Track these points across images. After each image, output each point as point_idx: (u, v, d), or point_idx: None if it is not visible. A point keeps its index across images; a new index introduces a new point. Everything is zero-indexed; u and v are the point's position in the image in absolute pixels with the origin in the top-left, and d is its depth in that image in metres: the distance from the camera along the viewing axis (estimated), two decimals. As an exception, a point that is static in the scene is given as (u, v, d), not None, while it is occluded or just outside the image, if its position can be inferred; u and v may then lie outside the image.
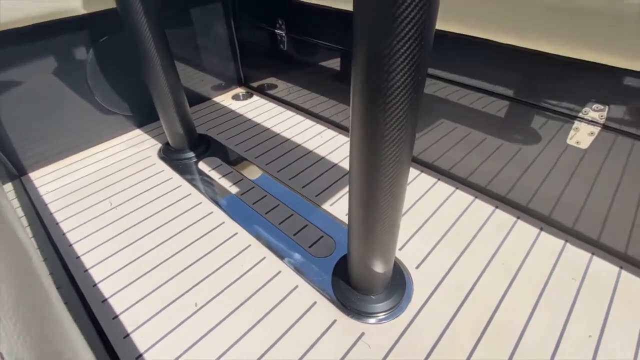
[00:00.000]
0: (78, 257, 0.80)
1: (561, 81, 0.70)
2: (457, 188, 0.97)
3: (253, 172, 1.05)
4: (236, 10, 1.33)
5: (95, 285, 0.74)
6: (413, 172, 1.03)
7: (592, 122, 0.69)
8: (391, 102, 0.40)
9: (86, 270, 0.77)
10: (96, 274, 0.76)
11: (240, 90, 1.52)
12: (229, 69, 1.47)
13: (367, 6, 0.35)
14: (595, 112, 0.68)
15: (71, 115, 1.09)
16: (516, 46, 0.70)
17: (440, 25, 0.77)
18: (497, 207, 0.91)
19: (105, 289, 0.74)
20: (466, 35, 0.76)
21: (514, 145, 0.82)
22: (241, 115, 1.35)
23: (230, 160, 1.11)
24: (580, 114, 0.70)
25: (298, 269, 0.76)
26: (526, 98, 0.76)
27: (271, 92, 1.44)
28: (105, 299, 0.71)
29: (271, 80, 1.41)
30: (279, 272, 0.76)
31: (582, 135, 0.71)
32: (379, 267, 0.64)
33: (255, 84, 1.50)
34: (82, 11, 0.97)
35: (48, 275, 0.28)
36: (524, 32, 0.67)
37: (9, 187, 1.03)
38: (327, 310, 0.69)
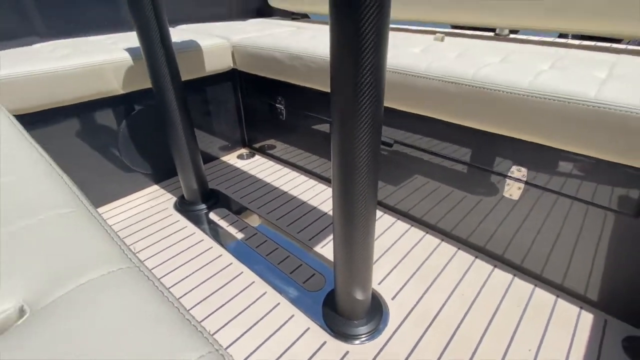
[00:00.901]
0: None
1: (494, 149, 0.93)
2: (427, 233, 1.16)
3: (256, 221, 1.23)
4: (243, 88, 1.61)
5: None
6: (390, 219, 1.23)
7: (518, 179, 0.91)
8: (358, 159, 0.59)
9: None
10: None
11: (244, 151, 1.76)
12: (235, 132, 1.72)
13: (338, 91, 0.56)
14: (519, 172, 0.90)
15: (99, 174, 1.29)
16: (457, 124, 0.94)
17: (400, 106, 1.02)
18: (459, 248, 1.09)
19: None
20: (421, 115, 1.00)
21: (473, 197, 1.03)
22: (245, 172, 1.56)
23: (236, 210, 1.29)
24: (509, 173, 0.92)
25: (294, 301, 0.92)
26: (473, 162, 0.98)
27: (271, 152, 1.67)
28: None
29: (271, 141, 1.65)
30: (278, 303, 0.91)
31: (513, 189, 0.93)
32: (359, 295, 0.80)
33: (257, 145, 1.74)
34: (120, 91, 1.22)
35: None
36: (461, 114, 0.91)
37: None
38: (318, 333, 0.84)
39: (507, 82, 0.80)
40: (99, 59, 1.12)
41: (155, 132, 1.38)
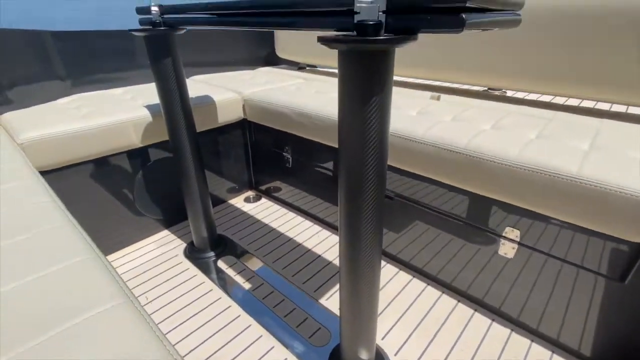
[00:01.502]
0: None
1: (488, 210, 0.99)
2: (428, 284, 1.20)
3: (263, 269, 1.28)
4: (252, 136, 1.71)
5: None
6: (393, 269, 1.27)
7: (511, 240, 0.96)
8: (364, 212, 0.64)
9: None
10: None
11: (251, 193, 1.83)
12: (243, 175, 1.79)
13: (346, 150, 0.62)
14: (512, 233, 0.96)
15: (114, 221, 1.35)
16: (453, 185, 1.01)
17: (400, 164, 1.09)
18: (459, 301, 1.13)
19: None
20: (419, 175, 1.07)
21: (471, 251, 1.08)
22: (252, 216, 1.62)
23: (244, 258, 1.34)
24: (503, 233, 0.98)
25: (300, 357, 0.95)
26: (469, 220, 1.04)
27: (277, 194, 1.74)
28: None
29: (277, 185, 1.72)
30: (286, 359, 0.95)
31: (507, 248, 0.98)
32: (364, 354, 0.84)
33: (263, 187, 1.81)
34: (138, 145, 1.30)
35: None
36: (456, 177, 0.98)
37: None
38: (323, 392, 0.87)
39: (498, 153, 0.88)
40: (122, 118, 1.21)
41: (168, 180, 1.45)
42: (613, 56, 1.07)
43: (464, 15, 0.44)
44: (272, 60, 2.25)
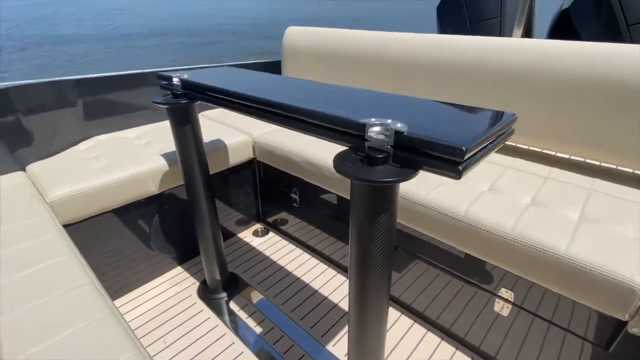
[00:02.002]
0: None
1: (485, 271, 1.06)
2: (428, 330, 1.27)
3: (273, 312, 1.36)
4: (261, 175, 1.78)
5: None
6: (395, 313, 1.35)
7: (506, 300, 1.04)
8: (374, 261, 0.67)
9: None
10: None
11: (259, 226, 1.90)
12: (251, 210, 1.87)
13: (359, 202, 0.65)
14: (507, 294, 1.03)
15: (129, 262, 1.43)
16: (453, 246, 1.08)
17: (403, 220, 1.16)
18: (457, 348, 1.20)
19: None
20: (423, 233, 1.15)
21: (469, 305, 1.15)
22: (261, 252, 1.70)
23: (254, 299, 1.42)
24: (499, 293, 1.05)
25: None
26: (468, 277, 1.12)
27: (284, 227, 1.82)
28: None
29: (284, 217, 1.79)
30: (296, 409, 1.02)
31: (503, 307, 1.05)
32: None
33: (271, 220, 1.89)
34: (155, 192, 1.38)
35: None
36: (456, 240, 1.05)
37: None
38: None
39: (494, 224, 0.95)
40: (140, 169, 1.29)
41: (182, 220, 1.53)
42: (608, 121, 1.14)
43: (460, 167, 0.51)
44: None
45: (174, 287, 1.48)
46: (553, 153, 1.37)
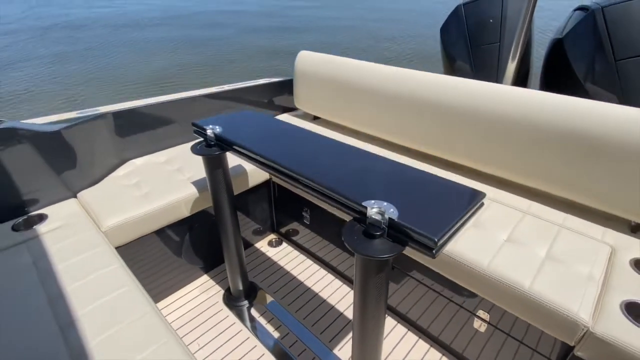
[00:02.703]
0: None
1: (467, 295, 1.27)
2: (419, 338, 1.50)
3: (288, 319, 1.59)
4: (276, 193, 1.99)
5: None
6: (391, 322, 1.57)
7: (483, 319, 1.25)
8: (372, 280, 0.84)
9: None
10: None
11: (273, 237, 2.13)
12: (267, 222, 2.09)
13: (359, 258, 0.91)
14: (484, 314, 1.24)
15: (166, 273, 1.66)
16: (441, 275, 1.28)
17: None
18: (443, 354, 1.43)
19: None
20: (416, 260, 1.35)
21: (453, 318, 1.37)
22: (275, 262, 1.93)
23: (271, 306, 1.65)
24: (477, 313, 1.26)
25: None
26: (453, 299, 1.33)
27: (295, 238, 2.04)
28: None
29: (296, 229, 2.01)
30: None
31: (480, 324, 1.27)
32: None
33: (283, 231, 2.11)
34: (186, 215, 1.59)
35: None
36: (443, 269, 1.25)
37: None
38: None
39: (474, 260, 1.15)
40: (176, 197, 1.50)
41: (208, 235, 1.75)
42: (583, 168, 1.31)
43: (434, 251, 0.71)
44: (291, 106, 2.50)
45: (203, 294, 1.72)
46: (533, 186, 1.53)
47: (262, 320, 1.59)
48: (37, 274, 1.09)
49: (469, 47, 2.31)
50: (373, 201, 0.80)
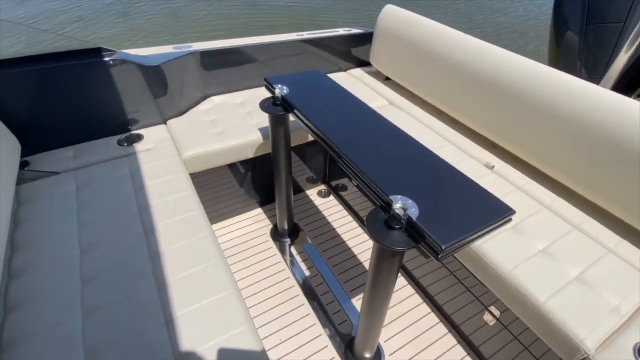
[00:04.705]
0: None
1: (484, 290, 1.33)
2: (431, 311, 1.63)
3: (320, 262, 1.81)
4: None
5: None
6: (410, 290, 1.71)
7: (493, 314, 1.32)
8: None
9: None
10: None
11: (323, 187, 2.30)
12: (320, 172, 2.26)
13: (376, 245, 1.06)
14: (495, 310, 1.30)
15: (226, 199, 1.96)
16: (466, 268, 1.35)
17: None
18: (449, 331, 1.55)
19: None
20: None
21: (468, 304, 1.46)
22: (320, 211, 2.12)
23: (309, 249, 1.89)
24: (489, 308, 1.33)
25: (329, 338, 1.51)
26: (472, 290, 1.40)
27: (342, 193, 2.19)
28: None
29: (344, 181, 2.16)
30: (320, 335, 1.51)
31: (489, 318, 1.34)
32: (368, 349, 1.35)
33: (333, 184, 2.26)
34: (250, 156, 1.80)
35: None
36: (468, 265, 1.31)
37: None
38: (338, 362, 1.43)
39: (498, 262, 1.19)
40: (244, 140, 1.70)
41: (266, 176, 1.98)
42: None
43: (439, 256, 0.80)
44: (366, 61, 2.46)
45: (255, 224, 2.01)
46: (593, 201, 1.41)
47: (298, 258, 1.84)
48: (132, 186, 1.41)
49: (584, 21, 1.97)
50: (399, 196, 0.88)
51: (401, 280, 1.75)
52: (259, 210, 2.11)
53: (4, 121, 1.35)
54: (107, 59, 1.54)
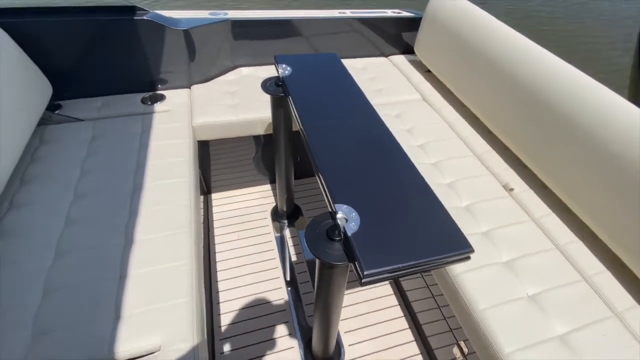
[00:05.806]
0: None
1: (455, 322, 1.22)
2: (404, 315, 1.54)
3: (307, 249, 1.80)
4: None
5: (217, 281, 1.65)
6: (387, 289, 1.63)
7: (462, 351, 1.21)
8: None
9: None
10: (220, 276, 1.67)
11: (337, 176, 2.24)
12: None
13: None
14: (465, 348, 1.19)
15: (237, 171, 2.00)
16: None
17: None
18: (415, 339, 1.46)
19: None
20: None
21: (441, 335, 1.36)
22: (323, 200, 2.07)
23: (302, 236, 1.87)
24: (460, 343, 1.22)
25: (295, 327, 1.51)
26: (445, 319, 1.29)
27: None
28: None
29: None
30: (287, 321, 1.52)
31: (457, 354, 1.23)
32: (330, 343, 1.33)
33: None
34: (261, 133, 1.79)
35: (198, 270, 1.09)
36: (447, 294, 1.20)
37: (201, 199, 2.03)
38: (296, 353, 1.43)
39: (473, 298, 1.07)
40: (255, 116, 1.70)
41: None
42: None
43: (362, 281, 0.73)
44: (411, 49, 2.27)
45: (257, 200, 2.05)
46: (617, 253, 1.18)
47: (290, 242, 1.84)
48: (139, 143, 1.49)
49: None
50: (345, 206, 0.82)
51: (388, 288, 1.67)
52: (267, 187, 2.13)
53: (40, 66, 1.49)
54: (137, 17, 1.60)
